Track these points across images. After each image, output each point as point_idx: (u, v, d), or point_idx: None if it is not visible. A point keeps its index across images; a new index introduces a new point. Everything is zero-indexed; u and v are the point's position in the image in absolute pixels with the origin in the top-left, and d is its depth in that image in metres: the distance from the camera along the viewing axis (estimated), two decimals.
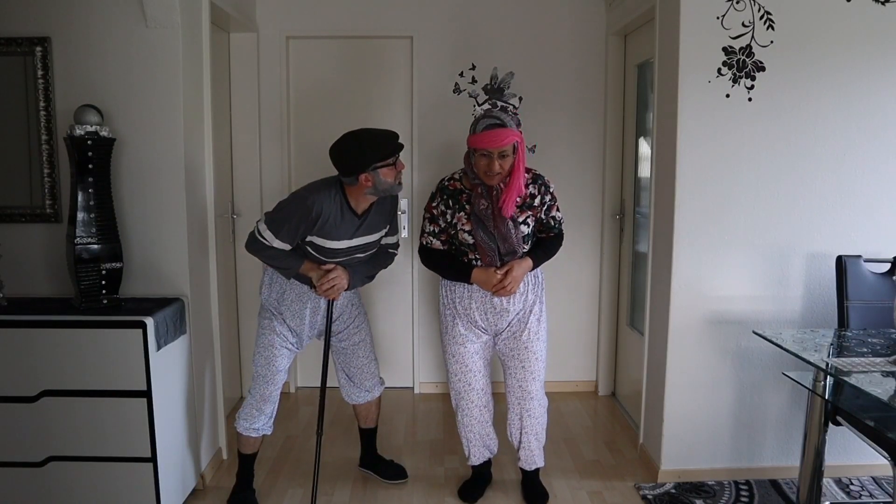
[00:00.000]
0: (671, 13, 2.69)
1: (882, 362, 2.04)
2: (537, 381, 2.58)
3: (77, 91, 2.55)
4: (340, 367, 2.74)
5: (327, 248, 2.39)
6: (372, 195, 2.38)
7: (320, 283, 2.40)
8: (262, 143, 3.68)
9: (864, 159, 2.69)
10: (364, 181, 2.32)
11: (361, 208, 2.41)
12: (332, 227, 2.36)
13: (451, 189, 2.48)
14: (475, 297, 2.50)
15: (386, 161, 2.32)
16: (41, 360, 2.30)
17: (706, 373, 2.80)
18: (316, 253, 2.41)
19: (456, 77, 3.63)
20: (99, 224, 2.42)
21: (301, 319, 2.52)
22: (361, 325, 2.70)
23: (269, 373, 2.51)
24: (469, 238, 2.43)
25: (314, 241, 2.38)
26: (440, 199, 2.49)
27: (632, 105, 3.58)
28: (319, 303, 2.53)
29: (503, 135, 2.27)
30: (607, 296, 3.82)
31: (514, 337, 2.55)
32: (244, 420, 2.56)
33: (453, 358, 2.59)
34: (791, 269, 2.75)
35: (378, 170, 2.31)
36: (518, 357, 2.56)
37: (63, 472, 2.37)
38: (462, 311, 2.53)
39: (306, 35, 3.65)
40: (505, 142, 2.28)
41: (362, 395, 2.75)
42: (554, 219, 2.54)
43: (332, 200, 2.35)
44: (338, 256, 2.44)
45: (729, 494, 2.74)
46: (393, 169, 2.35)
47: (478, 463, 2.74)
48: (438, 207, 2.49)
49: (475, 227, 2.40)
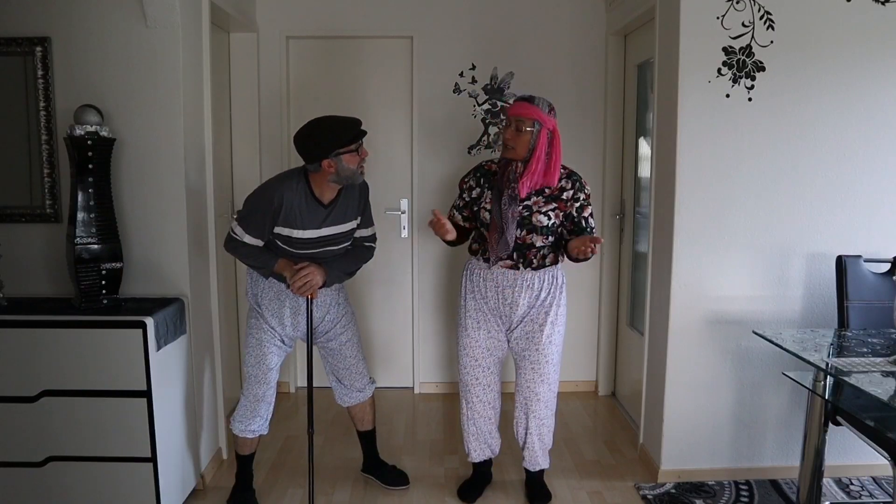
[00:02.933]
0: (671, 13, 2.69)
1: (882, 362, 2.04)
2: (545, 383, 2.57)
3: (77, 91, 2.54)
4: (329, 370, 2.72)
5: (294, 237, 2.38)
6: (335, 182, 2.38)
7: (293, 280, 2.38)
8: (262, 143, 3.67)
9: (864, 159, 2.69)
10: (327, 167, 2.32)
11: (327, 198, 2.41)
12: (295, 215, 2.36)
13: (487, 169, 2.57)
14: (490, 285, 2.52)
15: (348, 147, 2.33)
16: (41, 360, 2.30)
17: (706, 373, 2.80)
18: (286, 246, 2.41)
19: (456, 77, 3.63)
20: (99, 224, 2.42)
21: (280, 319, 2.51)
22: (348, 324, 2.66)
23: (260, 372, 2.51)
24: (487, 216, 2.47)
25: (281, 233, 2.38)
26: (474, 175, 2.57)
27: (632, 105, 3.58)
28: (299, 302, 2.51)
29: (526, 107, 2.38)
30: (607, 296, 3.82)
31: (526, 337, 2.55)
32: (239, 422, 2.56)
33: (464, 350, 2.61)
34: (791, 269, 2.75)
35: (341, 156, 2.32)
36: (529, 358, 2.56)
37: (63, 472, 2.37)
38: (479, 298, 2.55)
39: (306, 35, 3.65)
40: (525, 113, 2.37)
41: (354, 395, 2.73)
42: (586, 219, 2.51)
43: (295, 189, 2.36)
44: (308, 248, 2.42)
45: (729, 494, 2.74)
46: (356, 155, 2.36)
47: (478, 460, 2.74)
48: (469, 182, 2.58)
49: (494, 204, 2.45)
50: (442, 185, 3.74)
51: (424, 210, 3.75)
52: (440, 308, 3.86)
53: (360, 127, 2.38)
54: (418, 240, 3.79)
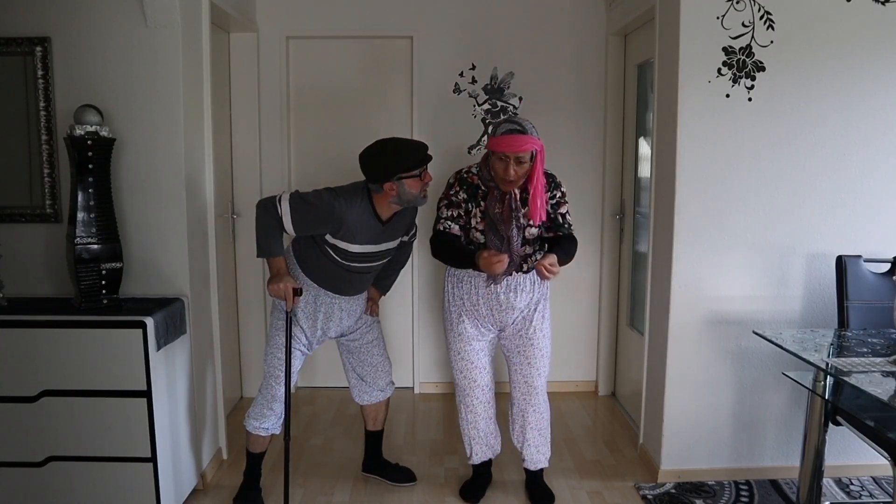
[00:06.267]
0: (671, 13, 2.69)
1: (882, 362, 2.04)
2: (542, 376, 2.60)
3: (77, 91, 2.54)
4: (351, 368, 2.74)
5: (351, 251, 2.39)
6: (396, 205, 2.38)
7: (271, 286, 2.35)
8: (262, 143, 3.67)
9: (864, 159, 2.69)
10: (388, 190, 2.32)
11: (386, 216, 2.42)
12: (355, 231, 2.35)
13: (470, 182, 2.49)
14: (482, 291, 2.50)
15: (411, 172, 2.31)
16: (41, 360, 2.30)
17: (706, 373, 2.80)
18: (337, 256, 2.41)
19: (456, 77, 3.63)
20: (99, 224, 2.42)
21: (314, 321, 2.53)
22: (374, 323, 2.72)
23: (282, 373, 2.51)
24: (481, 238, 2.45)
25: (337, 245, 2.38)
26: (459, 187, 2.49)
27: (632, 105, 3.58)
28: (332, 308, 2.53)
29: (522, 141, 2.28)
30: (607, 296, 3.82)
31: (518, 334, 2.56)
32: (254, 419, 2.57)
33: (458, 355, 2.60)
34: (791, 269, 2.75)
35: (403, 180, 2.30)
36: (523, 353, 2.57)
37: (63, 472, 2.37)
38: (470, 306, 2.54)
39: (306, 35, 3.65)
40: (523, 148, 2.28)
41: (375, 394, 2.74)
42: (563, 216, 2.52)
43: (358, 206, 2.35)
44: (356, 261, 2.43)
45: (729, 494, 2.74)
46: (419, 181, 2.34)
47: (479, 462, 2.74)
48: (459, 194, 2.49)
49: (487, 228, 2.42)
50: (442, 185, 3.72)
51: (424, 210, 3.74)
52: (440, 308, 3.85)
53: (427, 152, 2.37)
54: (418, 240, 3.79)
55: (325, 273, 2.46)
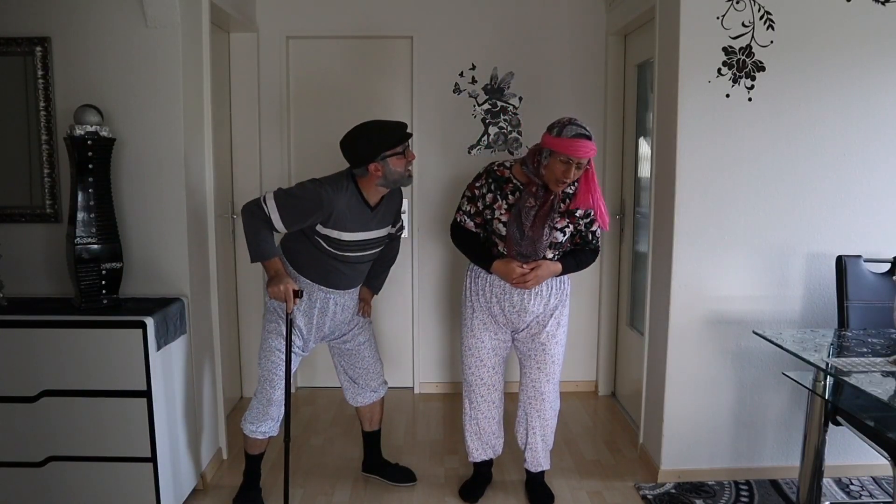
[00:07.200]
0: (671, 13, 2.69)
1: (882, 362, 2.04)
2: (551, 382, 2.59)
3: (77, 91, 2.54)
4: (343, 370, 2.73)
5: (343, 240, 2.39)
6: (383, 186, 2.39)
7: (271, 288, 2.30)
8: (262, 143, 3.67)
9: (864, 159, 2.69)
10: (374, 171, 2.32)
11: (374, 200, 2.42)
12: (346, 219, 2.35)
13: (499, 175, 2.48)
14: (496, 290, 2.51)
15: (394, 149, 2.32)
16: (41, 360, 2.30)
17: (706, 373, 2.80)
18: (329, 246, 2.40)
19: (456, 77, 3.64)
20: (99, 224, 2.42)
21: (310, 318, 2.51)
22: (366, 325, 2.71)
23: (276, 377, 2.49)
24: (502, 229, 2.44)
25: (329, 235, 2.37)
26: (485, 181, 2.49)
27: (632, 105, 3.58)
28: (327, 303, 2.52)
29: (590, 147, 2.29)
30: (607, 296, 3.82)
31: (532, 338, 2.56)
32: (250, 423, 2.56)
33: (469, 351, 2.60)
34: (791, 269, 2.75)
35: (387, 159, 2.31)
36: (535, 357, 2.57)
37: (63, 472, 2.37)
38: (483, 302, 2.54)
39: (306, 35, 3.65)
40: (590, 153, 2.31)
41: (368, 395, 2.74)
42: (593, 234, 2.55)
43: (346, 193, 2.35)
44: (352, 250, 2.43)
45: (729, 494, 2.74)
46: (402, 158, 2.35)
47: (478, 460, 2.74)
48: (481, 189, 2.49)
49: (511, 221, 2.41)
50: (442, 185, 3.74)
51: (424, 210, 3.76)
52: (440, 308, 3.86)
53: (406, 129, 2.38)
54: (418, 239, 3.79)
55: (319, 267, 2.45)
